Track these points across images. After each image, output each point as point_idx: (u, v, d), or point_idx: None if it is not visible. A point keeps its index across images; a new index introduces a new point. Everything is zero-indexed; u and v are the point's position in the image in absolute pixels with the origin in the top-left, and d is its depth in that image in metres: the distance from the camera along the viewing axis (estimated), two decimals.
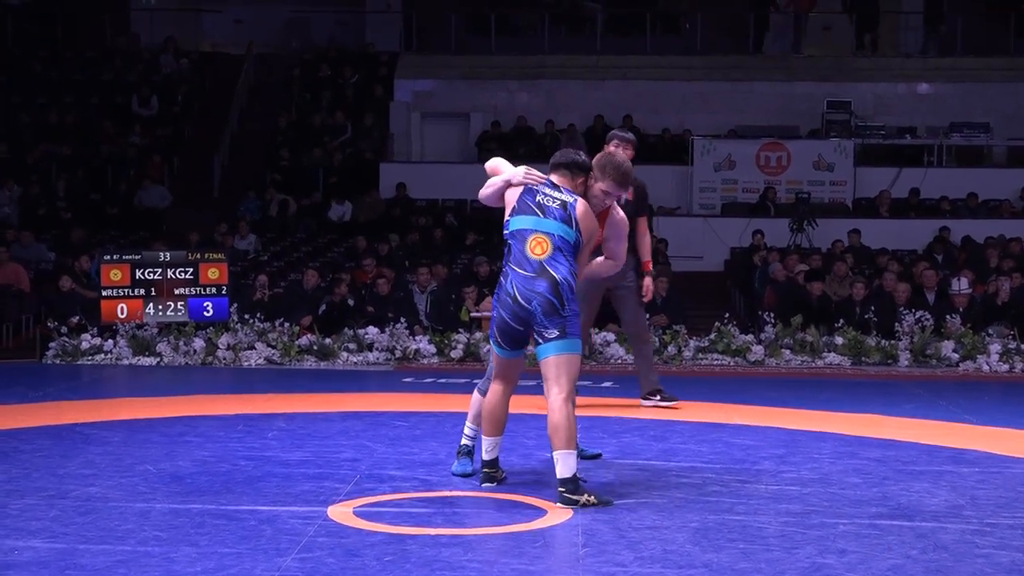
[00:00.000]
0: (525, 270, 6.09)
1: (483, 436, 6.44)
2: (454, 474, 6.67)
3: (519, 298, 6.07)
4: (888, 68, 23.86)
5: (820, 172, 20.94)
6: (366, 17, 26.47)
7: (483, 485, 6.42)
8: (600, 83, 23.34)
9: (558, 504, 5.95)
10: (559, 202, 6.17)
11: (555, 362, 6.06)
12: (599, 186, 6.30)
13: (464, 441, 6.76)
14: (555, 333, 6.04)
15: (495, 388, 6.39)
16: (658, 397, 9.65)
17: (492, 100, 23.40)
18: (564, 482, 5.96)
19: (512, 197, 6.26)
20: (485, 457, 6.44)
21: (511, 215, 6.23)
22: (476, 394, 6.68)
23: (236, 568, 4.86)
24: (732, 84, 23.24)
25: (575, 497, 5.92)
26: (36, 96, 22.82)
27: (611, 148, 8.69)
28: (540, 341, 6.09)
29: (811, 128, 22.23)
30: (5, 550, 5.10)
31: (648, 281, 9.37)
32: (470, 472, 6.64)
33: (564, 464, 5.97)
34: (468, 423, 6.74)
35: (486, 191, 6.43)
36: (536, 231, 6.12)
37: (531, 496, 6.21)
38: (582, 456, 6.97)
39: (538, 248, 6.11)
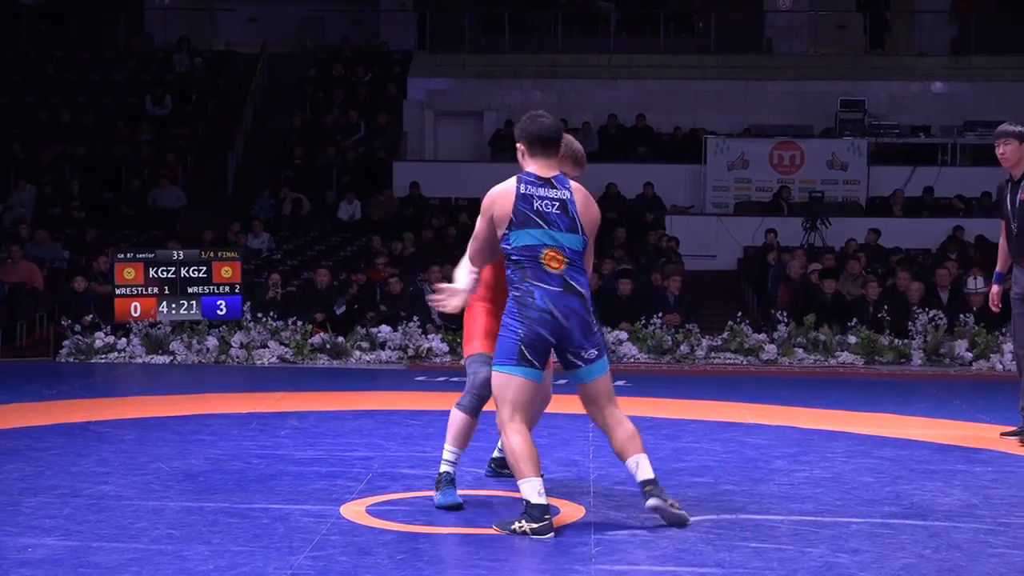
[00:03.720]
0: (551, 285, 5.60)
1: (532, 478, 5.53)
2: (439, 506, 5.90)
3: (557, 315, 5.58)
4: (902, 67, 23.80)
5: (834, 171, 20.89)
6: (380, 16, 26.48)
7: (548, 535, 5.46)
8: (613, 82, 23.33)
9: (649, 503, 5.58)
10: (557, 204, 5.66)
11: (605, 380, 5.74)
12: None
13: (445, 468, 6.00)
14: (595, 353, 5.68)
15: (523, 427, 5.64)
16: None
17: (505, 99, 23.39)
18: (652, 483, 5.66)
19: (503, 210, 5.64)
20: (542, 501, 5.51)
21: (509, 229, 5.63)
22: (457, 412, 5.97)
23: (248, 566, 4.87)
24: (745, 83, 23.20)
25: (663, 497, 5.65)
26: (50, 96, 22.87)
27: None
28: (579, 363, 5.65)
29: (825, 127, 22.19)
30: (19, 547, 5.11)
31: None
32: (459, 502, 5.93)
33: (647, 465, 5.70)
34: (449, 446, 5.99)
35: (472, 254, 5.85)
36: (546, 246, 5.62)
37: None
38: None
39: (554, 263, 5.62)
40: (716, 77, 23.32)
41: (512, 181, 5.71)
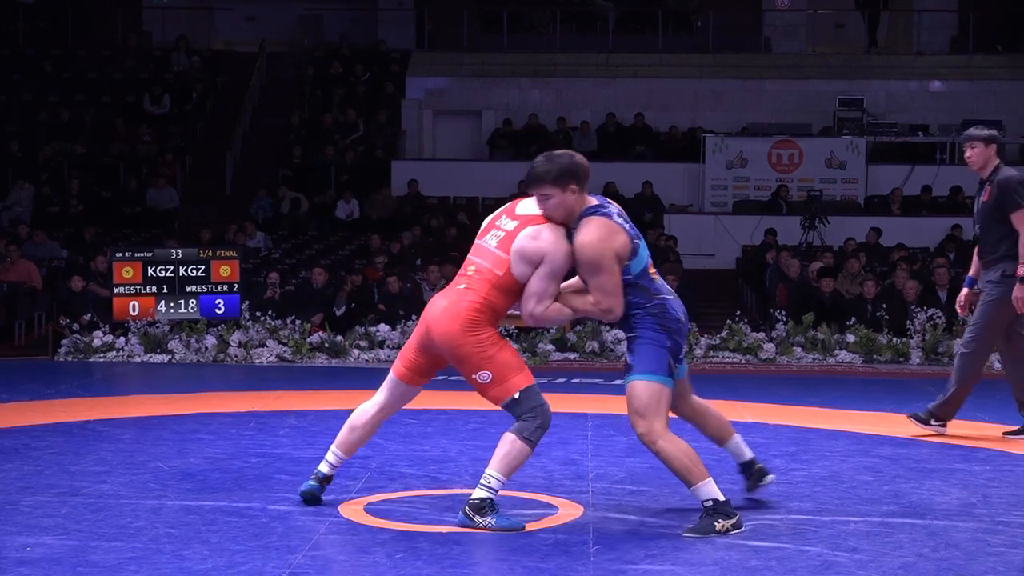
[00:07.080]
0: (668, 294, 5.62)
1: (709, 479, 5.53)
2: (502, 529, 5.44)
3: (684, 321, 5.63)
4: (900, 66, 23.81)
5: (832, 170, 20.91)
6: (378, 15, 26.48)
7: (743, 529, 5.51)
8: (611, 81, 23.34)
9: (769, 478, 6.14)
10: (624, 219, 5.66)
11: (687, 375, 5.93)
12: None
13: (490, 495, 5.49)
14: (686, 349, 5.94)
15: (674, 438, 5.53)
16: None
17: (504, 98, 23.40)
18: (756, 461, 6.15)
19: (623, 244, 5.47)
20: (724, 497, 5.56)
21: (630, 259, 5.49)
22: (523, 445, 5.47)
23: (247, 565, 4.87)
24: (744, 82, 23.22)
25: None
26: (48, 95, 22.87)
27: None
28: (676, 364, 5.69)
29: (823, 126, 22.20)
30: (18, 546, 5.11)
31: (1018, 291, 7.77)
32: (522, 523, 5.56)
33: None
34: (500, 474, 5.48)
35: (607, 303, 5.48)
36: (649, 258, 5.65)
37: (542, 493, 6.21)
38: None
39: (655, 273, 5.68)
40: (714, 76, 23.34)
41: (603, 220, 5.54)
